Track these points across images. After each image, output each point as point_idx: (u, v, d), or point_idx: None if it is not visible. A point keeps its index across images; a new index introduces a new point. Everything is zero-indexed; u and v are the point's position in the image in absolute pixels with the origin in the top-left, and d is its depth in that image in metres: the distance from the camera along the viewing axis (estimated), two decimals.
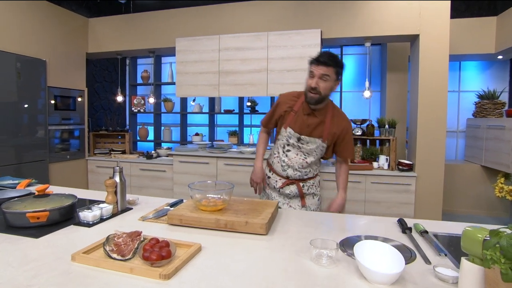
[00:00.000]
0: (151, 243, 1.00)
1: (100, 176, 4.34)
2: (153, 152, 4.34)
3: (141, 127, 5.14)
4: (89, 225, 1.30)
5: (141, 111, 5.08)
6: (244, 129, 4.86)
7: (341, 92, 4.43)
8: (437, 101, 3.32)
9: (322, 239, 1.05)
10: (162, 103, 5.01)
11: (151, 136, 5.20)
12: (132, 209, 1.56)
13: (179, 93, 4.09)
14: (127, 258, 0.96)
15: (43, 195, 1.48)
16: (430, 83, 3.34)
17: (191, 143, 4.60)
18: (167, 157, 4.28)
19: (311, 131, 1.73)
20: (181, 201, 1.66)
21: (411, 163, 3.45)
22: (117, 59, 4.91)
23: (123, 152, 4.59)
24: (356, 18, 3.51)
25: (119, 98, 4.70)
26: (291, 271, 0.95)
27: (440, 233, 1.29)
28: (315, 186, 1.86)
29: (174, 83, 4.28)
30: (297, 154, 1.76)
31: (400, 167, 3.44)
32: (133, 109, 5.09)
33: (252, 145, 4.39)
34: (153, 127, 5.15)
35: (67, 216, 1.34)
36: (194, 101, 4.84)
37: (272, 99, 4.46)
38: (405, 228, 1.29)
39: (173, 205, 1.60)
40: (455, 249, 1.13)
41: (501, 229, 0.71)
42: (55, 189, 1.86)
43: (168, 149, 4.44)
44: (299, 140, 1.74)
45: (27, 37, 3.57)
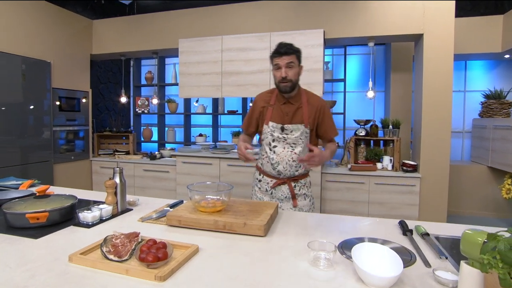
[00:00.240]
0: (149, 244, 1.00)
1: (104, 176, 4.37)
2: (156, 153, 4.36)
3: (145, 128, 5.17)
4: (88, 226, 1.31)
5: (145, 112, 5.12)
6: None
7: (345, 92, 4.40)
8: (442, 101, 3.29)
9: (320, 241, 1.04)
10: (166, 104, 5.03)
11: (155, 137, 5.23)
12: (132, 210, 1.56)
13: (182, 94, 4.10)
14: (123, 259, 0.96)
15: (43, 196, 1.49)
16: (434, 83, 3.30)
17: (195, 144, 4.61)
18: (171, 158, 4.29)
19: (291, 119, 1.78)
20: (181, 202, 1.66)
21: (415, 164, 3.41)
22: (121, 60, 4.95)
23: (127, 153, 4.61)
24: (359, 17, 3.49)
25: (123, 99, 4.72)
26: (288, 273, 0.94)
27: (442, 236, 1.27)
28: (306, 186, 1.87)
29: (177, 84, 4.29)
30: (284, 147, 1.78)
31: (404, 168, 3.41)
32: (137, 110, 5.13)
33: (255, 146, 4.37)
34: (157, 128, 5.17)
35: (67, 216, 1.35)
36: (197, 102, 4.85)
37: None
38: (406, 230, 1.27)
39: (173, 206, 1.60)
40: (457, 252, 1.10)
41: (500, 233, 0.70)
42: (57, 190, 1.88)
43: (171, 149, 4.45)
44: (283, 130, 1.77)
45: (32, 39, 3.61)
